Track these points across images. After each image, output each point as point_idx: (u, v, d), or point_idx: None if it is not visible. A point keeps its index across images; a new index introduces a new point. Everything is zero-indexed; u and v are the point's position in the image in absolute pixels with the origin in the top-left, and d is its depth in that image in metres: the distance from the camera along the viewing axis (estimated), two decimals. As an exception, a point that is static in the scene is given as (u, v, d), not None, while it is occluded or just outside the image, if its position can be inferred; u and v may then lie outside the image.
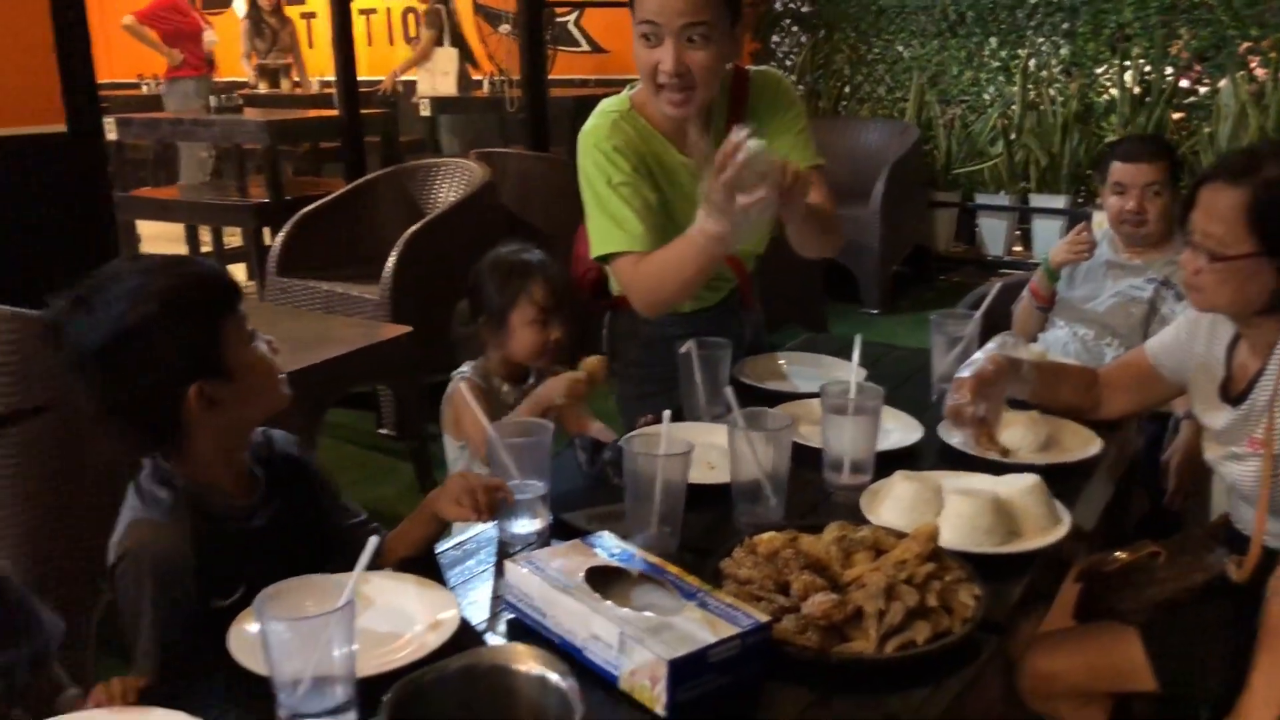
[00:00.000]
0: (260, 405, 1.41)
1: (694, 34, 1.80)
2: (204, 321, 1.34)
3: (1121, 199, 2.69)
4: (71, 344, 1.31)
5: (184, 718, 1.08)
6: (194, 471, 1.38)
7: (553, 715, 0.81)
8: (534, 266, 2.07)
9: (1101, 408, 1.94)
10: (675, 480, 1.44)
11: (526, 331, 2.03)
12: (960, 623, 1.25)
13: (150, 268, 1.35)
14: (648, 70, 1.86)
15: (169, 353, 1.31)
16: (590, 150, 1.94)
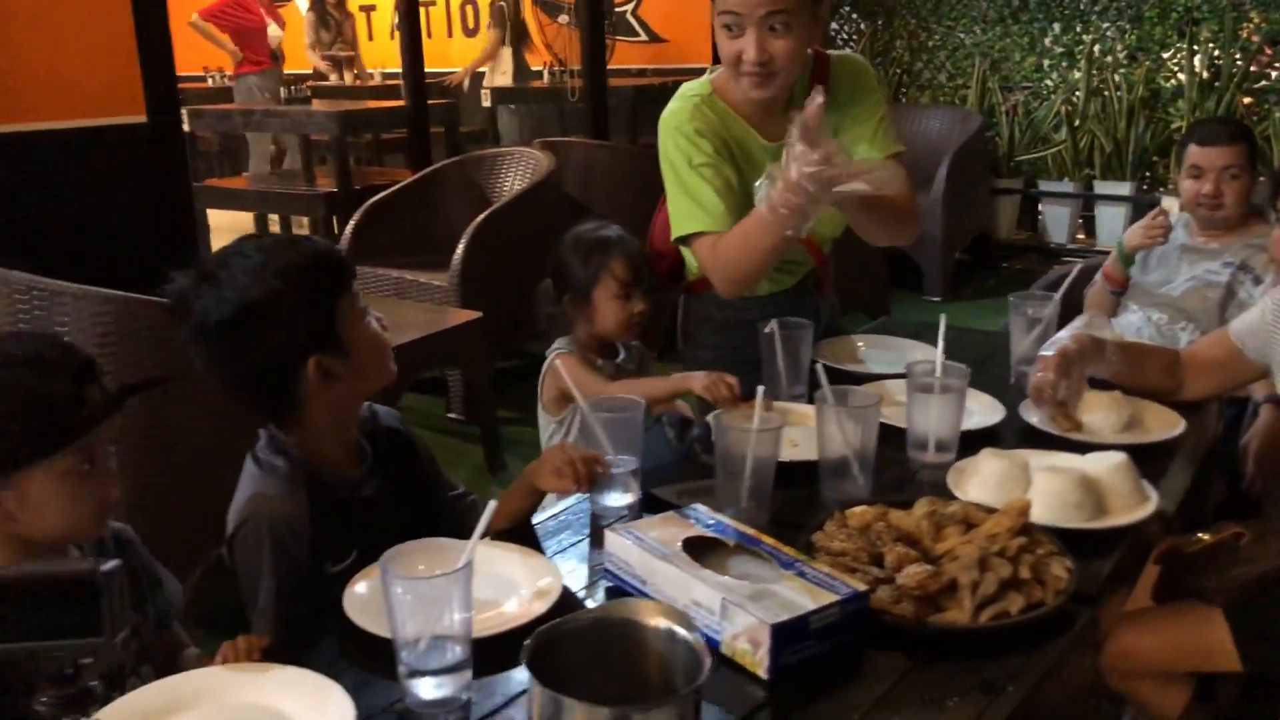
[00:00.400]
0: (372, 380, 1.46)
1: (775, 22, 1.81)
2: (323, 297, 1.39)
3: (1198, 182, 2.68)
4: (197, 317, 1.37)
5: (309, 674, 1.13)
6: (307, 442, 1.43)
7: (679, 666, 0.84)
8: (614, 242, 2.12)
9: (1184, 389, 1.93)
10: (765, 456, 1.47)
11: (610, 306, 2.08)
12: (1053, 594, 1.27)
13: (272, 245, 1.41)
14: (730, 58, 1.87)
15: (290, 327, 1.36)
16: (671, 132, 1.96)
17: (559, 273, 2.14)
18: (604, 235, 2.13)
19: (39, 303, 2.19)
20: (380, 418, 1.57)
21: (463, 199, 4.45)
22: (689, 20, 7.15)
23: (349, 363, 1.41)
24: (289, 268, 1.37)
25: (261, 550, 1.35)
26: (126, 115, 3.66)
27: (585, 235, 2.14)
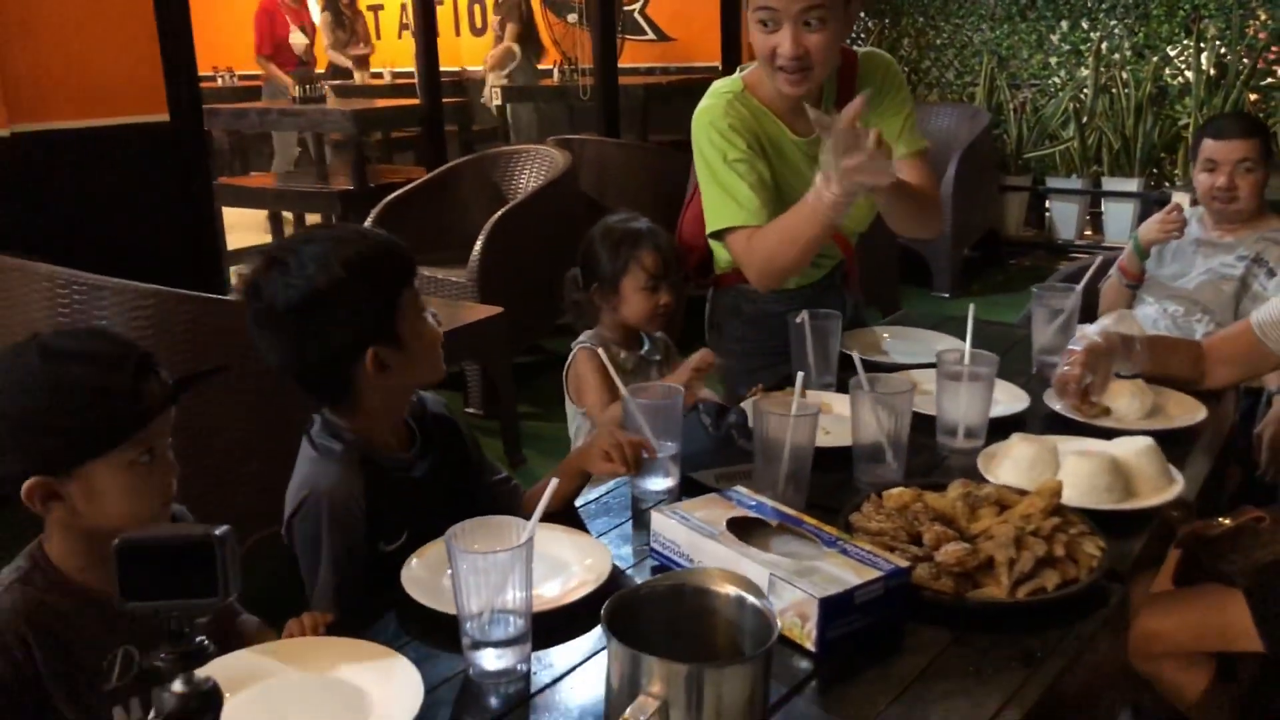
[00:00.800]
0: (423, 373, 1.50)
1: (811, 17, 1.85)
2: (385, 289, 1.43)
3: (1212, 175, 2.72)
4: (264, 301, 1.41)
5: (375, 647, 1.18)
6: (360, 426, 1.48)
7: (748, 632, 0.89)
8: (643, 234, 2.16)
9: (1206, 379, 1.98)
10: (803, 442, 1.52)
11: (638, 297, 2.13)
12: (1086, 572, 1.32)
13: (339, 236, 1.45)
14: (765, 53, 1.91)
15: (352, 316, 1.40)
16: (706, 128, 2.00)
17: (588, 262, 2.19)
18: (634, 227, 2.18)
19: (79, 297, 2.23)
20: (428, 404, 1.62)
21: (479, 196, 4.49)
22: (697, 19, 7.19)
23: (404, 355, 1.45)
24: (356, 258, 1.41)
25: (320, 530, 1.39)
26: (150, 114, 3.71)
27: (616, 226, 2.19)
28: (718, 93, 2.05)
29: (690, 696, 0.81)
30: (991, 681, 1.17)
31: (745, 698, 0.83)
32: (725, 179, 1.96)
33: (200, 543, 0.73)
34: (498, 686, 1.16)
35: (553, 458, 1.60)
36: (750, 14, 1.91)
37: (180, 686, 0.74)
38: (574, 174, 4.37)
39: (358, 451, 1.46)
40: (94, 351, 1.26)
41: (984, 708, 1.12)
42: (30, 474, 1.21)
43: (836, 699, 1.15)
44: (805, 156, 2.05)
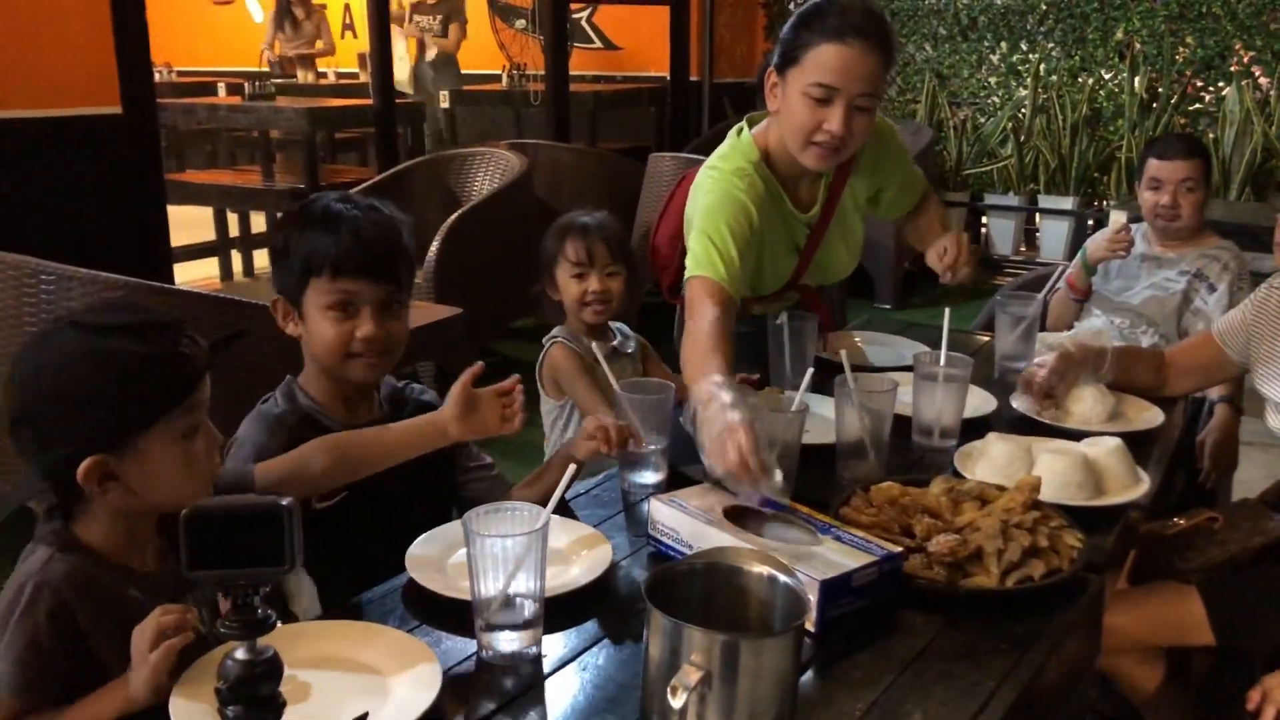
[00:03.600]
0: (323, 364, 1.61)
1: (863, 101, 1.84)
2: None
3: (1156, 194, 2.83)
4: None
5: (393, 632, 1.19)
6: (316, 391, 1.62)
7: (779, 608, 0.92)
8: (575, 226, 2.20)
9: (1168, 386, 2.07)
10: (791, 440, 1.56)
11: (569, 284, 2.18)
12: (1068, 562, 1.38)
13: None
14: (809, 127, 1.86)
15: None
16: (729, 190, 1.94)
17: (539, 257, 2.24)
18: (572, 219, 2.22)
19: (47, 287, 2.20)
20: (415, 392, 1.71)
21: (432, 198, 4.49)
22: (644, 29, 7.25)
23: (304, 326, 1.60)
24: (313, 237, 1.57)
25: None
26: (102, 107, 3.66)
27: (561, 220, 2.25)
28: (742, 158, 2.00)
29: (728, 666, 0.85)
30: (985, 664, 1.22)
31: (780, 668, 0.87)
32: (720, 239, 1.88)
33: (269, 512, 0.75)
34: (512, 668, 1.18)
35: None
36: (797, 86, 1.86)
37: (244, 654, 0.76)
38: (529, 177, 4.39)
39: (297, 414, 1.57)
40: (132, 323, 1.26)
41: (981, 687, 1.18)
42: (85, 454, 1.19)
43: (840, 678, 1.19)
44: (801, 226, 2.08)
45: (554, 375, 2.18)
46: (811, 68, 1.83)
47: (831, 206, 2.08)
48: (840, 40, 1.80)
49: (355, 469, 1.47)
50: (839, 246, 2.15)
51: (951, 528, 1.43)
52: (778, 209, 2.03)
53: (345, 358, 1.58)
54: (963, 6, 6.53)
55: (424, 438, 1.50)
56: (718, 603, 0.93)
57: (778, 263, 2.08)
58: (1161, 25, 5.97)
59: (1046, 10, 6.30)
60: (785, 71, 1.88)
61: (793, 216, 2.06)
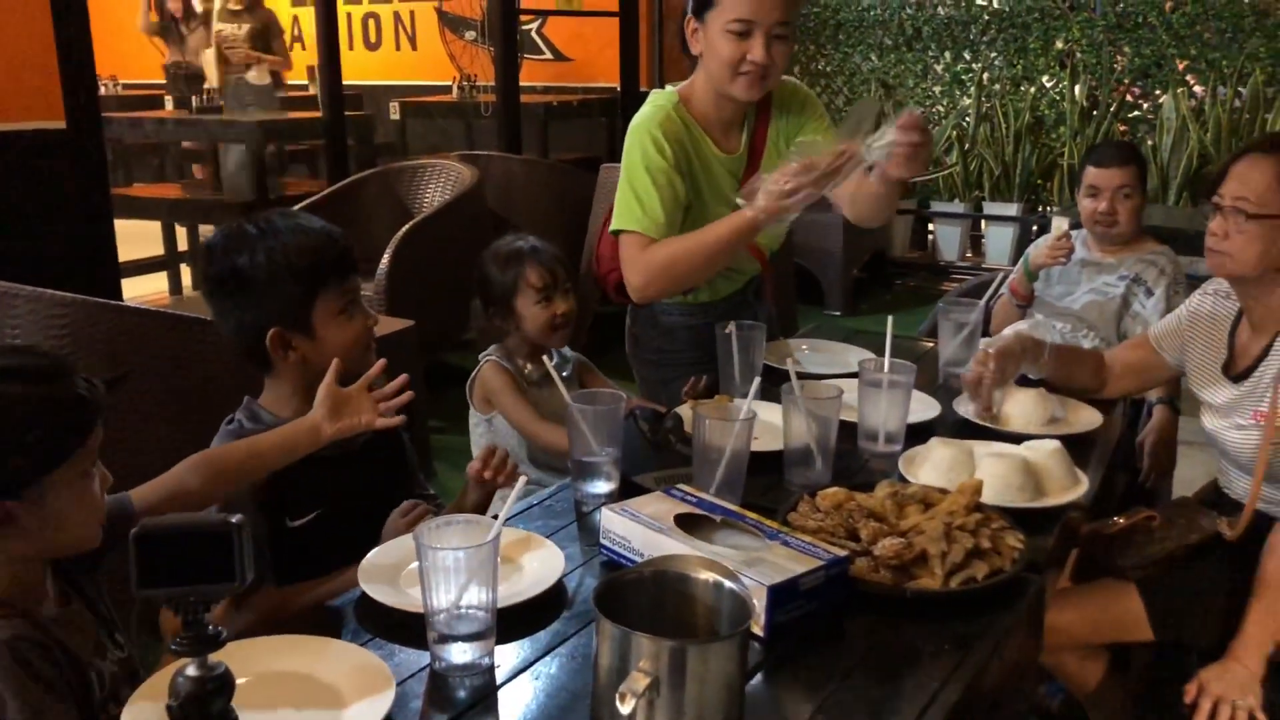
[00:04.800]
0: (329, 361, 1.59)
1: (780, 30, 1.99)
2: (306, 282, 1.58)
3: (1095, 201, 2.90)
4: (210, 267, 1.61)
5: (346, 645, 1.20)
6: (281, 407, 1.63)
7: (725, 613, 0.95)
8: (525, 252, 2.23)
9: (1107, 388, 2.13)
10: (740, 447, 1.59)
11: (531, 311, 2.20)
12: (1010, 562, 1.41)
13: (286, 227, 1.58)
14: (733, 60, 2.01)
15: (263, 300, 1.57)
16: (639, 133, 2.09)
17: (483, 288, 2.26)
18: (518, 246, 2.25)
19: (-11, 305, 2.18)
20: None
21: (383, 209, 4.48)
22: (594, 40, 7.27)
23: (314, 344, 1.59)
24: (283, 250, 1.56)
25: None
26: (45, 120, 3.61)
27: (501, 249, 2.27)
28: (655, 103, 2.14)
29: (676, 671, 0.87)
30: (930, 664, 1.25)
31: (727, 673, 0.89)
32: (641, 185, 2.04)
33: (219, 531, 0.76)
34: (465, 679, 1.19)
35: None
36: (718, 26, 2.00)
37: (195, 670, 0.76)
38: (481, 189, 4.40)
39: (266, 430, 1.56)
40: (27, 366, 1.24)
41: (925, 688, 1.20)
42: None
43: (787, 681, 1.22)
44: (728, 173, 2.14)
45: (485, 392, 2.22)
46: (728, 6, 1.98)
47: (758, 150, 2.17)
48: None
49: (233, 481, 1.48)
50: None
51: (896, 531, 1.46)
52: (699, 149, 2.13)
53: (362, 355, 1.63)
54: (907, 17, 6.63)
55: (297, 441, 1.51)
56: (666, 610, 0.95)
57: (715, 207, 2.13)
58: (1100, 35, 6.10)
59: (989, 21, 6.42)
60: (704, 15, 2.03)
61: (717, 160, 2.15)
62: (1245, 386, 1.89)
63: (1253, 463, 1.87)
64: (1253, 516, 1.86)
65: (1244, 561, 1.81)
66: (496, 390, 2.22)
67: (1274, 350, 1.84)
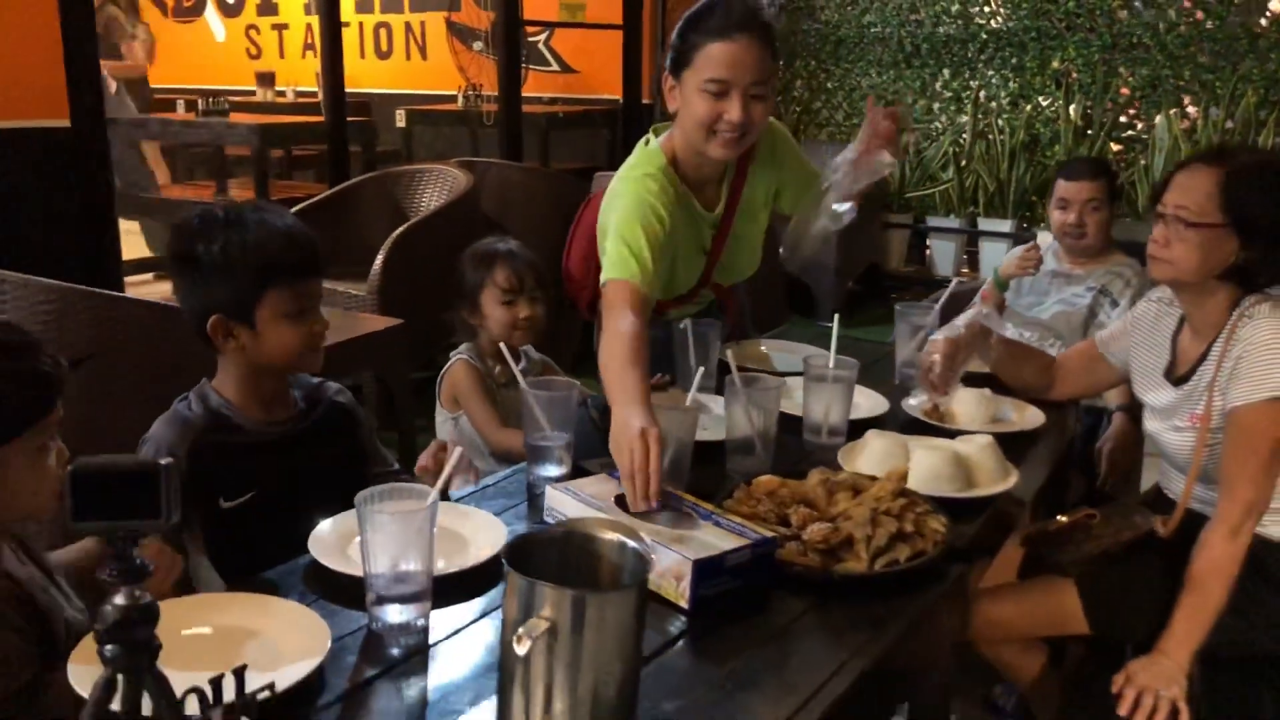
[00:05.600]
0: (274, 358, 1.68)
1: (757, 90, 1.97)
2: (256, 278, 1.63)
3: (1064, 213, 2.97)
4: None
5: (285, 602, 1.28)
6: (228, 391, 1.68)
7: (628, 569, 1.02)
8: (499, 254, 2.31)
9: (1054, 388, 2.21)
10: (685, 436, 1.67)
11: (497, 311, 2.29)
12: (932, 545, 1.49)
13: (254, 221, 1.63)
14: (708, 119, 1.98)
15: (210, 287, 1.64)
16: (640, 195, 2.03)
17: (458, 284, 2.34)
18: (492, 248, 2.33)
19: (-19, 290, 2.27)
20: (328, 390, 1.79)
21: (381, 213, 4.57)
22: (599, 53, 7.37)
23: (255, 337, 1.64)
24: (241, 244, 1.61)
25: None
26: (50, 119, 3.72)
27: (479, 248, 2.36)
28: (647, 169, 2.08)
29: (576, 619, 0.94)
30: (844, 640, 1.33)
31: (622, 622, 0.96)
32: (635, 242, 1.96)
33: (148, 470, 0.84)
34: (399, 638, 1.27)
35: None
36: (693, 85, 1.97)
37: (122, 600, 0.84)
38: (475, 194, 4.49)
39: (208, 414, 1.64)
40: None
41: (834, 659, 1.28)
42: None
43: (705, 650, 1.29)
44: (707, 226, 2.19)
45: (453, 390, 2.31)
46: (703, 66, 1.96)
47: (733, 205, 2.20)
48: (726, 38, 1.93)
49: None
50: (742, 245, 2.26)
51: (826, 517, 1.54)
52: (686, 210, 2.14)
53: (301, 357, 1.68)
54: (906, 34, 6.72)
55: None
56: (571, 567, 1.03)
57: (689, 263, 2.19)
58: (1096, 55, 6.17)
59: (987, 39, 6.50)
60: (680, 74, 2.01)
61: (700, 217, 2.17)
62: (1184, 390, 1.96)
63: (1189, 464, 1.94)
64: (1185, 515, 1.92)
65: (1177, 559, 1.86)
66: (464, 391, 2.30)
67: (1210, 355, 1.91)
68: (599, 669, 0.96)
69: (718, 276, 2.27)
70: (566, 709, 0.96)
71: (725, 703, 1.17)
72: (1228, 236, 1.84)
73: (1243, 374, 1.81)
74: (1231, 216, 1.83)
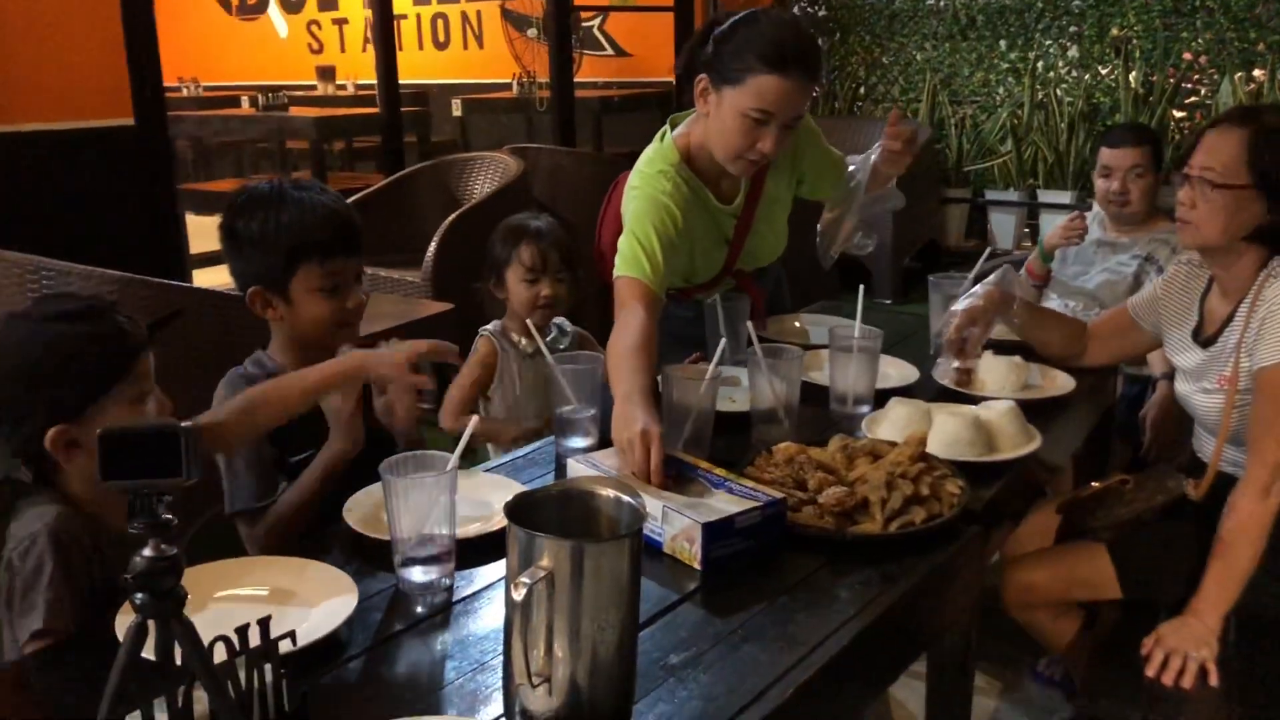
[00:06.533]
0: (305, 330, 1.78)
1: (793, 122, 1.98)
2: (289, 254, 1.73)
3: (1108, 181, 2.95)
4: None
5: (319, 565, 1.36)
6: (284, 359, 1.79)
7: (624, 523, 1.07)
8: (529, 231, 2.35)
9: (1088, 355, 2.21)
10: (705, 406, 1.71)
11: (519, 288, 2.34)
12: (948, 508, 1.52)
13: (303, 201, 1.75)
14: (744, 146, 1.98)
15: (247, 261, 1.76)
16: (652, 194, 2.05)
17: (487, 257, 2.39)
18: (523, 223, 2.37)
19: (48, 281, 2.39)
20: None
21: (435, 201, 4.67)
22: (653, 36, 7.41)
23: (290, 309, 1.75)
24: (281, 221, 1.72)
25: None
26: (115, 118, 3.87)
27: (509, 223, 2.40)
28: (661, 166, 2.10)
29: (574, 568, 1.00)
30: (852, 597, 1.36)
31: (617, 572, 1.01)
32: (647, 241, 1.99)
33: (169, 432, 0.91)
34: (424, 597, 1.34)
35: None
36: (736, 106, 1.95)
37: (150, 551, 0.92)
38: (526, 180, 4.56)
39: (269, 378, 1.71)
40: (70, 309, 1.45)
41: (840, 614, 1.32)
42: (49, 426, 1.38)
43: (716, 605, 1.34)
44: (727, 216, 2.21)
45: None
46: (752, 93, 1.92)
47: (755, 199, 2.22)
48: (783, 72, 1.90)
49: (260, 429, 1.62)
50: (765, 233, 2.29)
51: (844, 481, 1.57)
52: (703, 205, 2.16)
53: (335, 331, 1.77)
54: (960, 6, 6.64)
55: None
56: (571, 522, 1.08)
57: (709, 254, 2.21)
58: (1157, 20, 6.05)
59: (1044, 8, 6.40)
60: (722, 88, 1.97)
61: (718, 210, 2.19)
62: (1212, 352, 1.95)
63: (1219, 426, 1.93)
64: (1216, 477, 1.92)
65: (1208, 521, 1.87)
66: (470, 360, 2.36)
67: (1237, 317, 1.90)
68: (596, 615, 1.01)
69: (741, 263, 2.30)
70: (566, 655, 1.01)
71: (730, 655, 1.22)
72: (1255, 198, 1.83)
73: (1269, 334, 1.80)
74: (1258, 177, 1.82)
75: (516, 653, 1.01)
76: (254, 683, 1.01)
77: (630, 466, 1.53)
